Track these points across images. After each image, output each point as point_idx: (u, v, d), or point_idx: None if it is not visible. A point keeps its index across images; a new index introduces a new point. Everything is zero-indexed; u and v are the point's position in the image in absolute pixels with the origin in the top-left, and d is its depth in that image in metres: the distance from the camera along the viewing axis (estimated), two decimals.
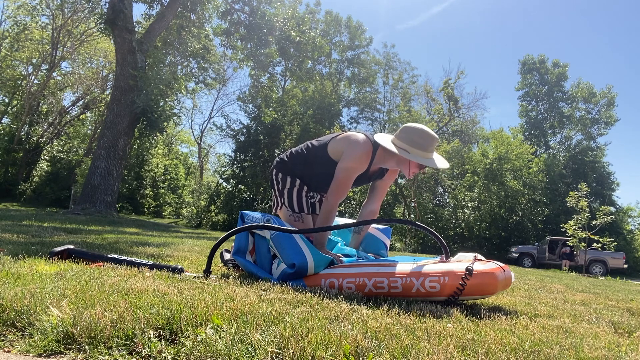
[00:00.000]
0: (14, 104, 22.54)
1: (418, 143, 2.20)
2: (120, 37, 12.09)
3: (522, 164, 19.99)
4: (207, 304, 1.27)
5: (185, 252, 3.34)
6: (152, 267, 2.02)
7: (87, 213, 10.44)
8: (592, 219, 13.15)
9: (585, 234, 12.76)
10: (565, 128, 26.80)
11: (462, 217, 20.02)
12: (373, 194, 2.56)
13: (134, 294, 1.37)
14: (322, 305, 1.45)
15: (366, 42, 25.19)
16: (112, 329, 1.06)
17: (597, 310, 2.21)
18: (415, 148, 2.20)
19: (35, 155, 22.70)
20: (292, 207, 2.44)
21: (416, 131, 2.23)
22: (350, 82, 25.85)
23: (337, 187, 2.26)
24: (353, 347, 1.02)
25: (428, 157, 2.22)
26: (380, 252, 2.68)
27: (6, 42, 20.71)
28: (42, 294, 1.29)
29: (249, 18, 15.67)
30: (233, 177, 19.49)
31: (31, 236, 3.57)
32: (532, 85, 27.61)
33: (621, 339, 1.47)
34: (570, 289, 3.46)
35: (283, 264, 1.99)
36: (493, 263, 1.92)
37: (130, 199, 24.33)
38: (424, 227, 2.10)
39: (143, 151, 24.79)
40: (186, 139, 35.10)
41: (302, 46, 16.40)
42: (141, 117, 12.17)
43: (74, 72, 22.77)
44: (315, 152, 2.39)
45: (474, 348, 1.10)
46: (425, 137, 2.22)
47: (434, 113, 24.64)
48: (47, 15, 20.54)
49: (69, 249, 2.25)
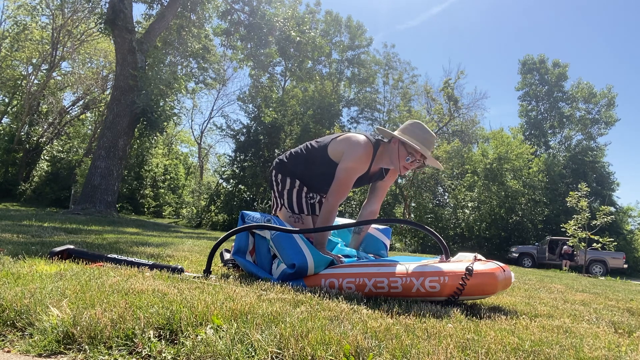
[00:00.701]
0: (14, 104, 22.54)
1: (417, 133, 2.25)
2: (120, 37, 12.08)
3: (522, 164, 19.99)
4: (207, 304, 1.27)
5: (185, 252, 3.34)
6: (152, 267, 2.02)
7: (87, 213, 10.44)
8: (592, 219, 13.15)
9: (585, 234, 12.76)
10: (565, 128, 26.80)
11: (462, 217, 20.02)
12: (373, 195, 2.56)
13: (134, 294, 1.37)
14: (322, 305, 1.45)
15: (366, 42, 25.19)
16: (112, 329, 1.06)
17: (597, 310, 2.21)
18: (413, 137, 2.23)
19: (35, 155, 22.69)
20: (291, 208, 2.43)
21: (417, 124, 2.30)
22: (350, 82, 25.85)
23: (338, 187, 2.26)
24: (353, 347, 1.02)
25: (422, 147, 2.23)
26: (380, 252, 2.68)
27: (6, 42, 20.71)
28: (42, 294, 1.29)
29: (249, 18, 15.66)
30: (233, 177, 19.49)
31: (31, 236, 3.57)
32: (532, 85, 27.61)
33: (621, 339, 1.47)
34: (570, 289, 3.46)
35: (283, 264, 1.99)
36: (493, 263, 1.92)
37: (130, 199, 24.32)
38: (424, 227, 2.10)
39: (143, 151, 24.78)
40: (186, 139, 35.12)
41: (302, 46, 16.40)
42: (141, 117, 12.17)
43: (74, 72, 22.77)
44: (316, 153, 2.39)
45: (474, 348, 1.10)
46: (425, 130, 2.27)
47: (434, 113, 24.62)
48: (47, 15, 20.55)
49: (69, 249, 2.25)
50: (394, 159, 2.27)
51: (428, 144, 2.24)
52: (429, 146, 2.25)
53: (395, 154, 2.26)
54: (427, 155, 2.23)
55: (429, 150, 2.26)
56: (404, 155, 2.24)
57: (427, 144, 2.24)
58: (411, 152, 2.23)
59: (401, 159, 2.25)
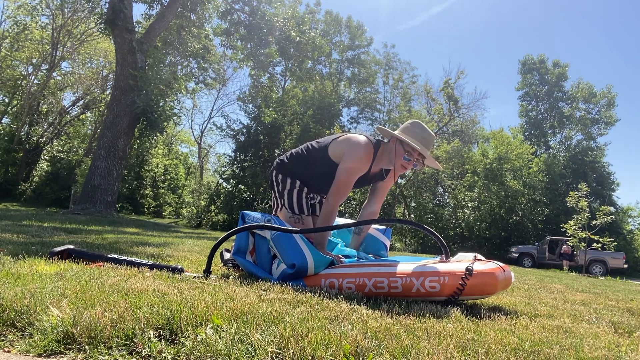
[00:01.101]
0: (14, 104, 22.54)
1: (416, 132, 2.25)
2: (120, 37, 12.08)
3: (522, 164, 19.99)
4: (207, 304, 1.27)
5: (185, 252, 3.34)
6: (152, 267, 2.02)
7: (87, 213, 10.44)
8: (592, 219, 13.15)
9: (585, 234, 12.76)
10: (565, 128, 26.81)
11: (462, 217, 20.02)
12: (374, 196, 2.56)
13: (134, 294, 1.37)
14: (322, 305, 1.45)
15: (366, 42, 25.19)
16: (112, 329, 1.06)
17: (597, 310, 2.21)
18: (412, 136, 2.23)
19: (35, 155, 22.70)
20: (292, 208, 2.43)
21: (417, 124, 2.30)
22: (350, 82, 25.85)
23: (338, 188, 2.26)
24: (353, 347, 1.02)
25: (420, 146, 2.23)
26: (380, 253, 2.68)
27: (6, 42, 20.71)
28: (42, 294, 1.29)
29: (249, 18, 15.67)
30: (233, 177, 19.49)
31: (31, 236, 3.57)
32: (532, 85, 27.61)
33: (621, 339, 1.47)
34: (570, 289, 3.46)
35: (283, 264, 1.99)
36: (493, 263, 1.92)
37: (130, 199, 24.32)
38: (424, 227, 2.10)
39: (143, 151, 24.78)
40: (186, 139, 35.12)
41: (302, 46, 16.40)
42: (141, 117, 12.17)
43: (74, 72, 22.77)
44: (316, 154, 2.39)
45: (474, 348, 1.10)
46: (424, 130, 2.27)
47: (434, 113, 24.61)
48: (47, 15, 20.55)
49: (69, 249, 2.24)
50: (392, 157, 2.28)
51: (427, 143, 2.24)
52: (427, 145, 2.25)
53: (393, 153, 2.26)
54: (426, 154, 2.23)
55: (428, 149, 2.25)
56: (401, 153, 2.24)
57: (425, 143, 2.23)
58: (409, 150, 2.23)
59: (398, 157, 2.24)
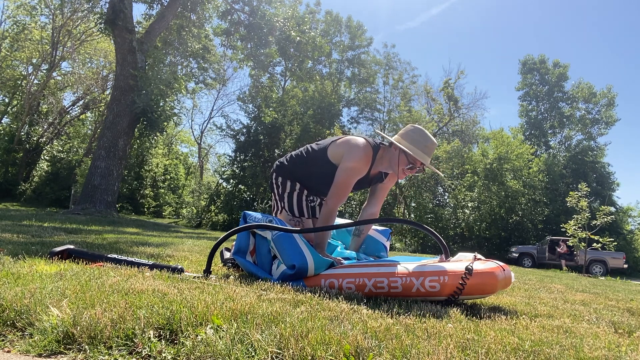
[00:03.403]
0: (14, 104, 22.54)
1: (418, 141, 2.24)
2: (120, 37, 12.08)
3: (522, 164, 19.98)
4: (207, 304, 1.27)
5: (185, 252, 3.34)
6: (152, 267, 2.02)
7: (87, 213, 10.44)
8: (592, 219, 13.14)
9: (585, 234, 12.76)
10: (566, 128, 26.79)
11: (462, 217, 20.01)
12: (373, 197, 2.56)
13: (134, 294, 1.37)
14: (322, 305, 1.45)
15: (366, 42, 25.16)
16: (112, 329, 1.06)
17: (597, 310, 2.21)
18: (414, 146, 2.23)
19: (35, 155, 22.70)
20: (292, 211, 2.43)
21: (419, 131, 2.28)
22: (351, 82, 25.83)
23: (337, 190, 2.25)
24: (353, 347, 1.02)
25: (423, 156, 2.23)
26: (380, 253, 2.68)
27: (6, 42, 20.71)
28: (42, 294, 1.29)
29: (249, 18, 15.66)
30: (233, 177, 19.48)
31: (31, 236, 3.57)
32: (532, 85, 27.59)
33: (621, 339, 1.47)
34: (570, 289, 3.46)
35: (283, 264, 1.99)
36: (493, 262, 1.92)
37: (130, 199, 24.32)
38: (424, 227, 2.10)
39: (143, 151, 24.77)
40: (186, 139, 35.13)
41: (302, 46, 16.40)
42: (141, 117, 12.17)
43: (74, 72, 22.76)
44: (315, 156, 2.39)
45: (474, 348, 1.10)
46: (427, 138, 2.26)
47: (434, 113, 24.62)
48: (46, 15, 20.56)
49: (69, 249, 2.24)
50: (394, 164, 2.29)
51: (429, 152, 2.26)
52: (429, 154, 2.26)
53: (395, 160, 2.27)
54: (428, 163, 2.25)
55: (429, 157, 2.27)
56: (405, 163, 2.26)
57: (427, 151, 2.25)
58: (412, 162, 2.25)
59: (401, 165, 2.27)
